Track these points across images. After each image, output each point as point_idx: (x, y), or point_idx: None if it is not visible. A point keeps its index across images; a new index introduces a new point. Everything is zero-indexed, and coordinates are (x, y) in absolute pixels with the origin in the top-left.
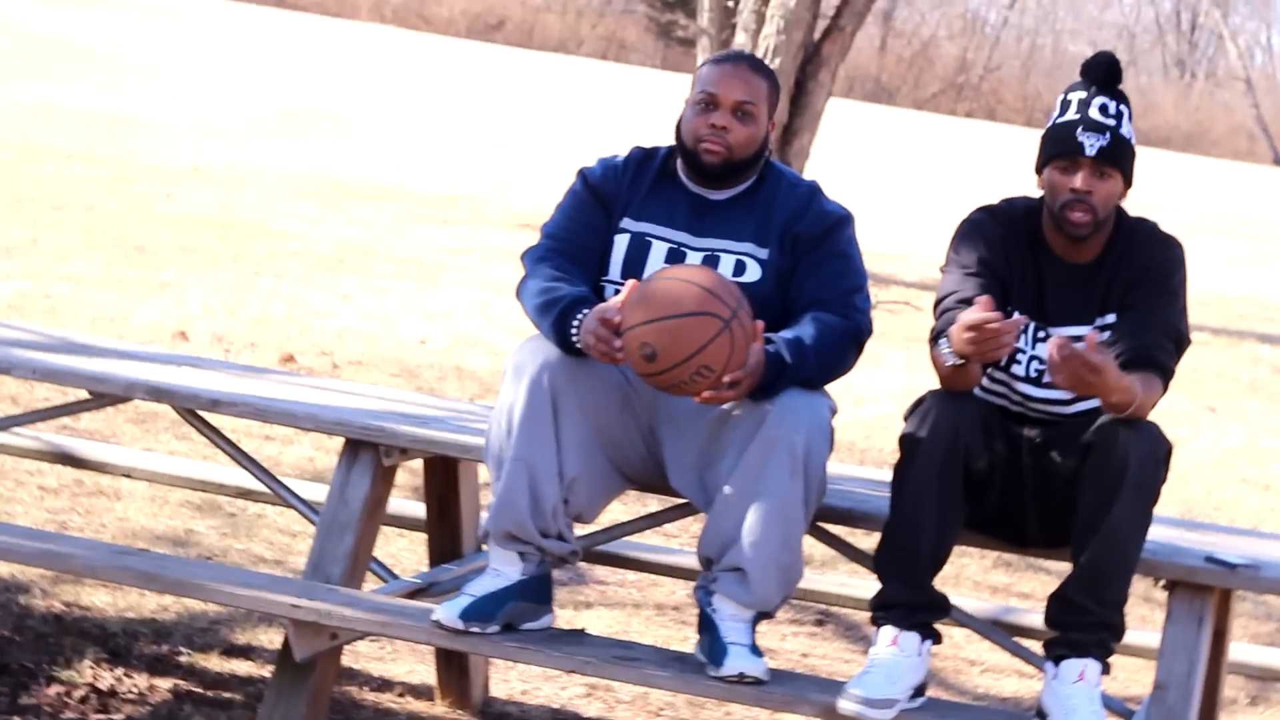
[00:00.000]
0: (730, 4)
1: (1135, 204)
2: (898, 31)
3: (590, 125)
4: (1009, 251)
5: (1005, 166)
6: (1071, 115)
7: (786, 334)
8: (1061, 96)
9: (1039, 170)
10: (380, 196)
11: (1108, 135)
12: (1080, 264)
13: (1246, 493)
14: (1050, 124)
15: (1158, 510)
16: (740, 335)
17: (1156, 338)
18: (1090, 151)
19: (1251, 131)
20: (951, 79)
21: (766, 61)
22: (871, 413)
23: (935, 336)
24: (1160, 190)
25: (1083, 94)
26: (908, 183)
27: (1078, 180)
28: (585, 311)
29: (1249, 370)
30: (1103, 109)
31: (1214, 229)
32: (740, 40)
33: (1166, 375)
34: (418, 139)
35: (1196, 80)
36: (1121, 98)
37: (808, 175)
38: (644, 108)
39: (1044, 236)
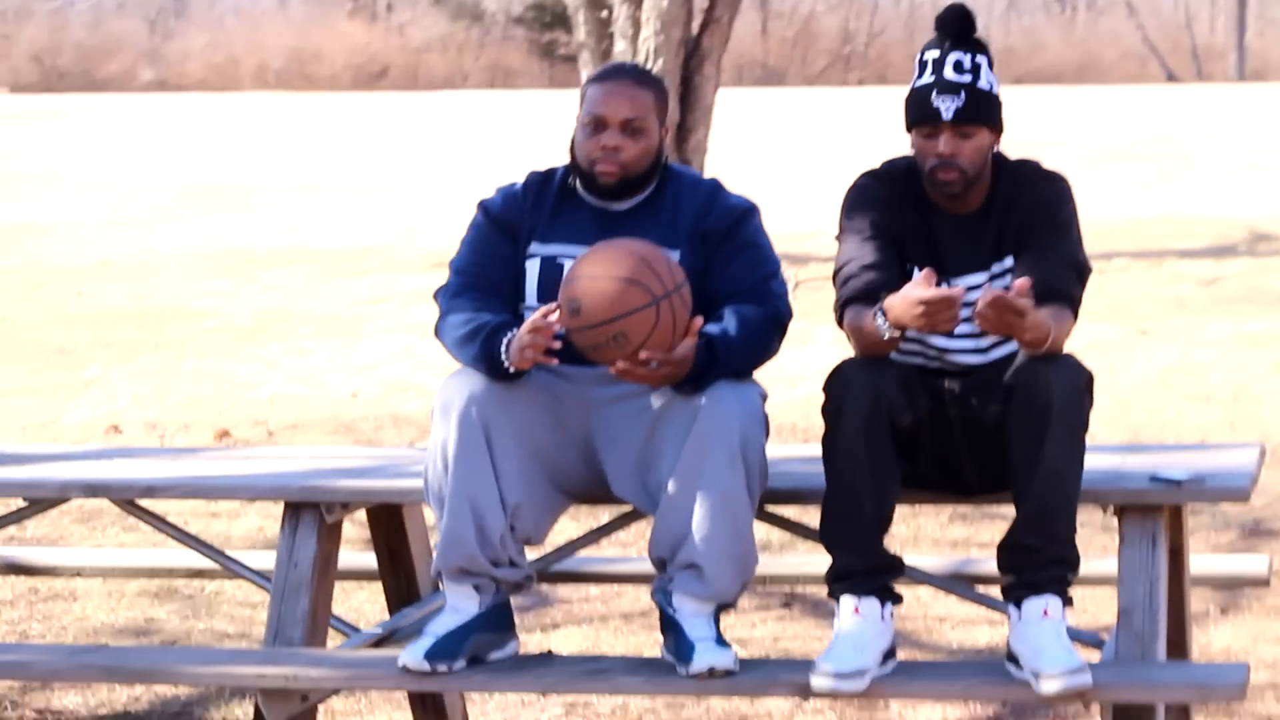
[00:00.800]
0: (605, 14)
1: (1038, 144)
2: (777, 13)
3: (487, 156)
4: (898, 211)
5: (900, 129)
6: (927, 78)
7: (711, 328)
8: (919, 56)
9: (908, 132)
10: (291, 260)
11: (963, 95)
12: (968, 214)
13: (1189, 409)
14: (911, 88)
15: (1103, 439)
16: (668, 318)
17: (1057, 270)
18: (947, 116)
19: (1140, 54)
20: (837, 51)
21: (648, 64)
22: (807, 391)
23: (845, 303)
24: (1059, 126)
25: (936, 53)
26: (809, 160)
27: (941, 145)
28: (512, 333)
29: (1173, 288)
30: (957, 66)
31: (1119, 155)
32: (620, 48)
33: (1074, 305)
34: (319, 198)
35: (1078, 12)
36: (977, 47)
37: (707, 169)
38: (537, 130)
39: (927, 193)
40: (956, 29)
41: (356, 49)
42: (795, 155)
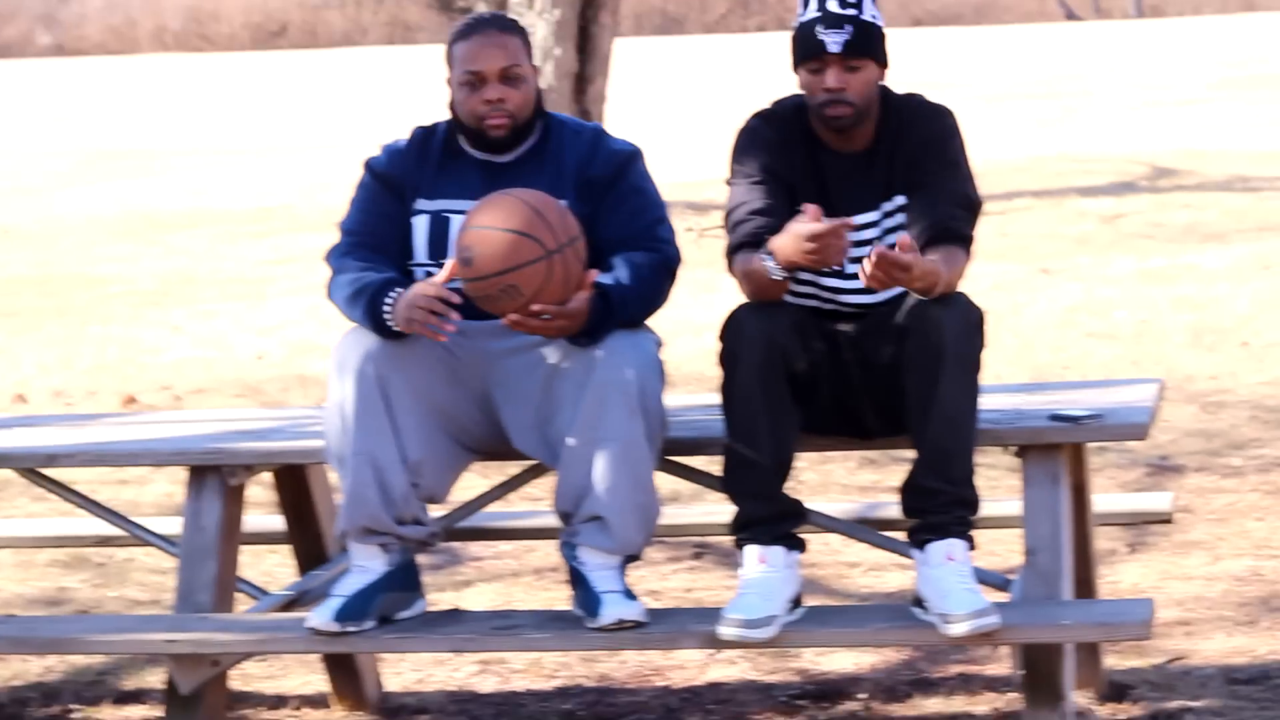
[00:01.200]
0: None
1: (937, 85)
2: None
3: (388, 112)
4: (787, 153)
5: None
6: (812, 12)
7: (604, 278)
8: None
9: (795, 70)
10: (194, 223)
11: (849, 28)
12: (857, 152)
13: (1093, 346)
14: (796, 24)
15: (1007, 378)
16: (560, 271)
17: (949, 209)
18: (834, 49)
19: None
20: None
21: (544, 14)
22: (712, 340)
23: (735, 249)
24: (959, 66)
25: None
26: (709, 107)
27: (829, 79)
28: (397, 291)
29: (1075, 226)
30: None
31: (1019, 94)
32: None
33: (967, 243)
34: (221, 160)
35: None
36: None
37: (607, 118)
38: (437, 85)
39: (816, 132)
40: None
41: (254, 7)
42: (695, 103)
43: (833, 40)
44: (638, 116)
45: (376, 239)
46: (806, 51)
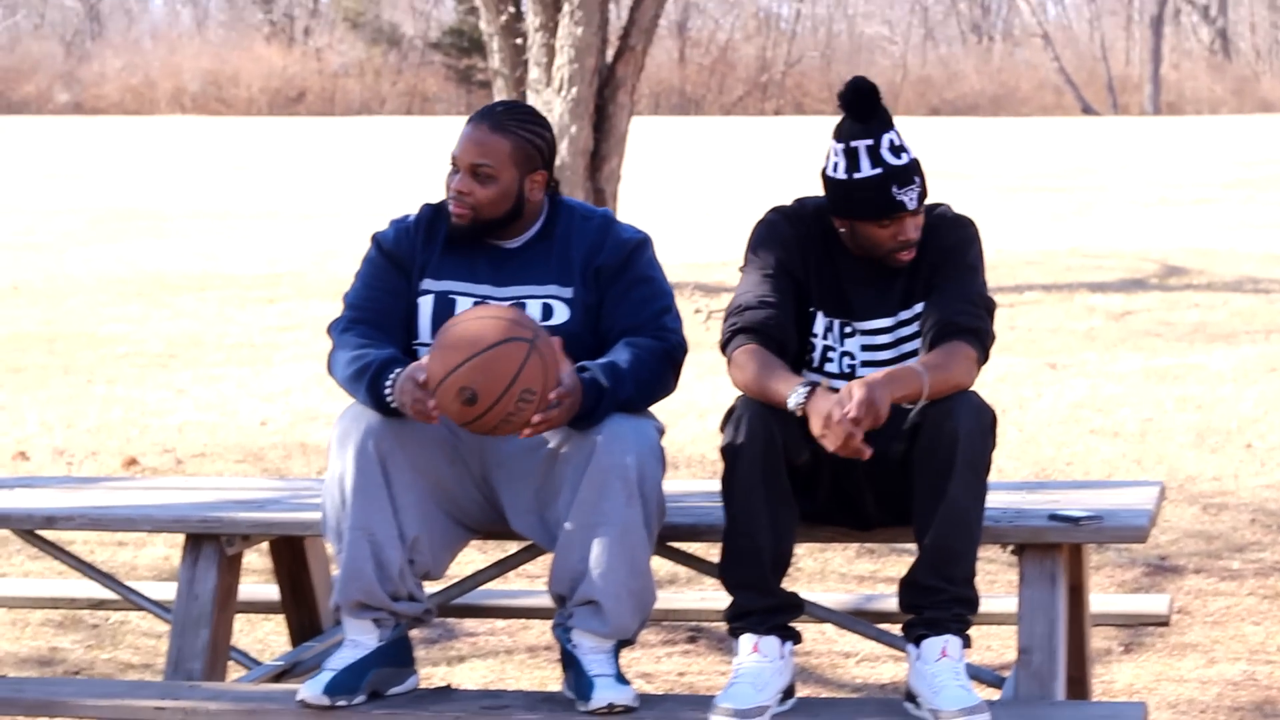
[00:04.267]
0: (519, 41)
1: (952, 175)
2: (694, 41)
3: (401, 182)
4: (805, 252)
5: (816, 158)
6: (870, 170)
7: (600, 361)
8: (842, 145)
9: (835, 215)
10: (203, 286)
11: (917, 180)
12: (874, 259)
13: (1096, 443)
14: (845, 178)
15: (1010, 473)
16: (548, 353)
17: (963, 306)
18: (912, 206)
19: (1056, 85)
20: (754, 79)
21: (562, 91)
22: (717, 423)
23: (732, 333)
24: (974, 157)
25: (867, 140)
26: (724, 189)
27: (908, 231)
28: (397, 372)
29: (1084, 321)
30: (893, 148)
31: (1033, 187)
32: (534, 75)
33: (980, 336)
34: (233, 223)
35: (995, 42)
36: (889, 119)
37: (621, 197)
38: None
39: (839, 237)
40: (870, 105)
41: (273, 73)
42: (710, 184)
43: (910, 198)
44: (652, 196)
45: (379, 315)
46: (881, 210)
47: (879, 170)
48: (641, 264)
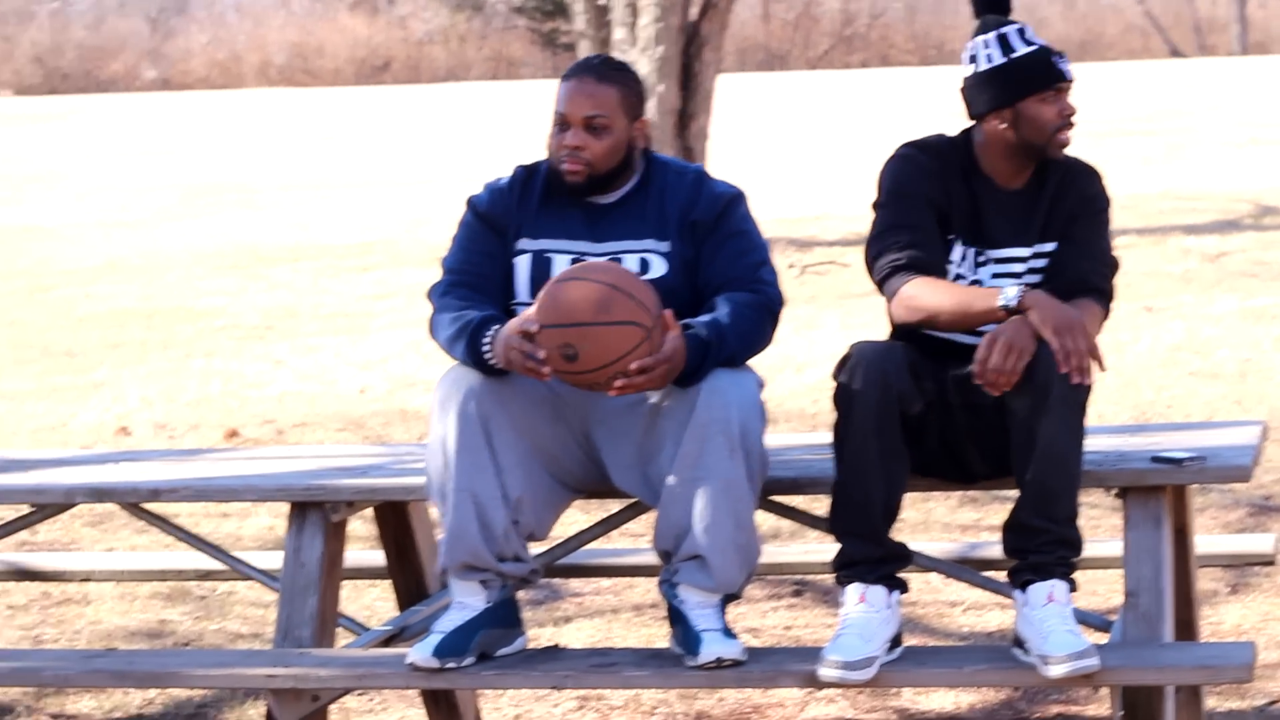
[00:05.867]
0: (603, 2)
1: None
2: None
3: (490, 147)
4: (943, 180)
5: (904, 110)
6: (1024, 49)
7: (703, 318)
8: (991, 34)
9: (997, 107)
10: (297, 257)
11: (1065, 57)
12: (1015, 189)
13: (1196, 385)
14: (1005, 60)
15: (1110, 417)
16: (658, 339)
17: (1095, 265)
18: (1071, 76)
19: (1143, 28)
20: (839, 33)
21: (647, 51)
22: (814, 377)
23: (890, 273)
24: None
25: (1010, 26)
26: (812, 143)
27: (1071, 105)
28: (495, 328)
29: (1179, 264)
30: (1033, 31)
31: (1123, 131)
32: (619, 35)
33: (1106, 298)
34: (324, 194)
35: None
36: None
37: (709, 155)
38: (541, 120)
39: (977, 165)
40: (1001, 5)
41: (359, 43)
42: (798, 139)
43: (1067, 69)
44: (740, 153)
45: (477, 278)
46: (1050, 78)
47: (1034, 45)
48: (736, 218)
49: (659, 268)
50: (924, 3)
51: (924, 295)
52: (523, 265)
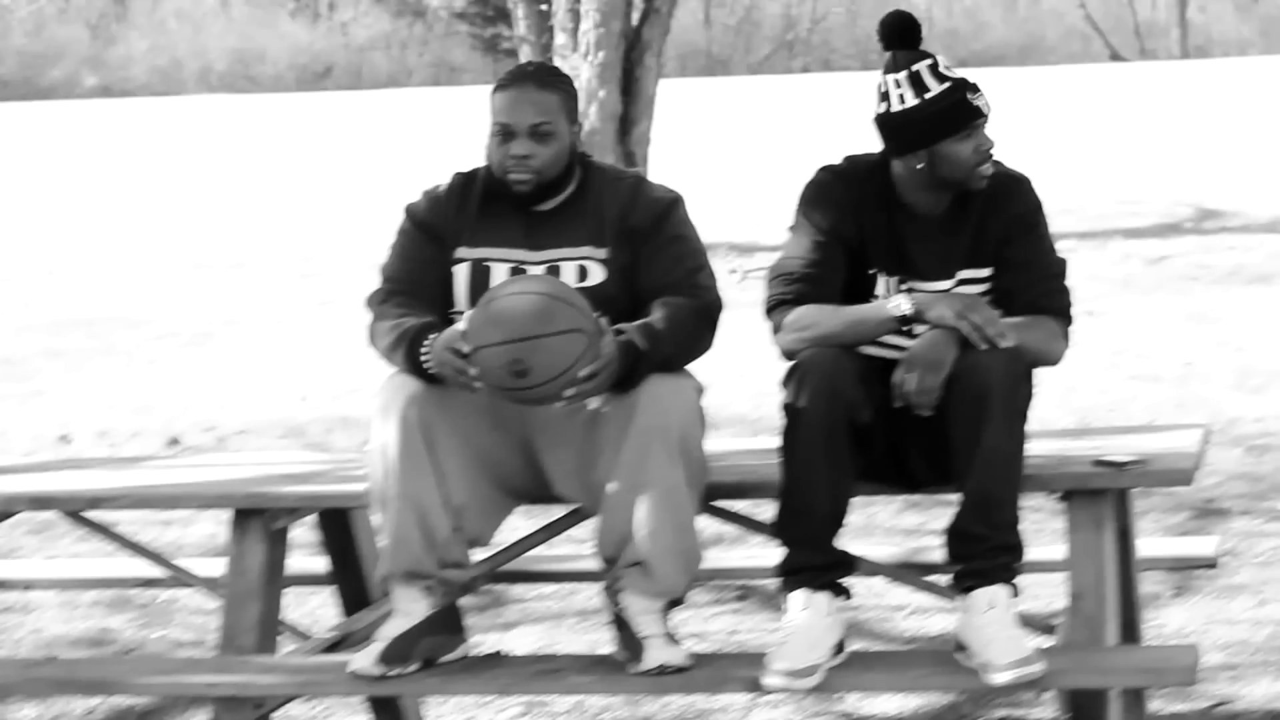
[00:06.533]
0: (544, 7)
1: (990, 126)
2: (719, 1)
3: (431, 153)
4: (860, 211)
5: (845, 115)
6: (937, 88)
7: (636, 323)
8: (902, 73)
9: (910, 149)
10: (237, 264)
11: (978, 88)
12: (935, 215)
13: (1138, 389)
14: (917, 101)
15: (1052, 421)
16: (598, 344)
17: (1044, 285)
18: (987, 111)
19: (1084, 32)
20: (780, 37)
21: (589, 56)
22: (756, 382)
23: (776, 303)
24: (1004, 108)
25: (926, 60)
26: (754, 148)
27: (986, 141)
28: (434, 336)
29: (1120, 268)
30: (947, 66)
31: (1064, 136)
32: (560, 41)
33: (1064, 313)
34: (265, 201)
35: None
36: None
37: (651, 159)
38: (483, 126)
39: (895, 193)
40: (915, 32)
41: (300, 49)
42: (740, 144)
43: (983, 103)
44: (682, 158)
45: (415, 285)
46: (964, 119)
47: (948, 84)
48: (674, 223)
49: (597, 274)
50: (866, 7)
51: (811, 320)
52: (461, 274)
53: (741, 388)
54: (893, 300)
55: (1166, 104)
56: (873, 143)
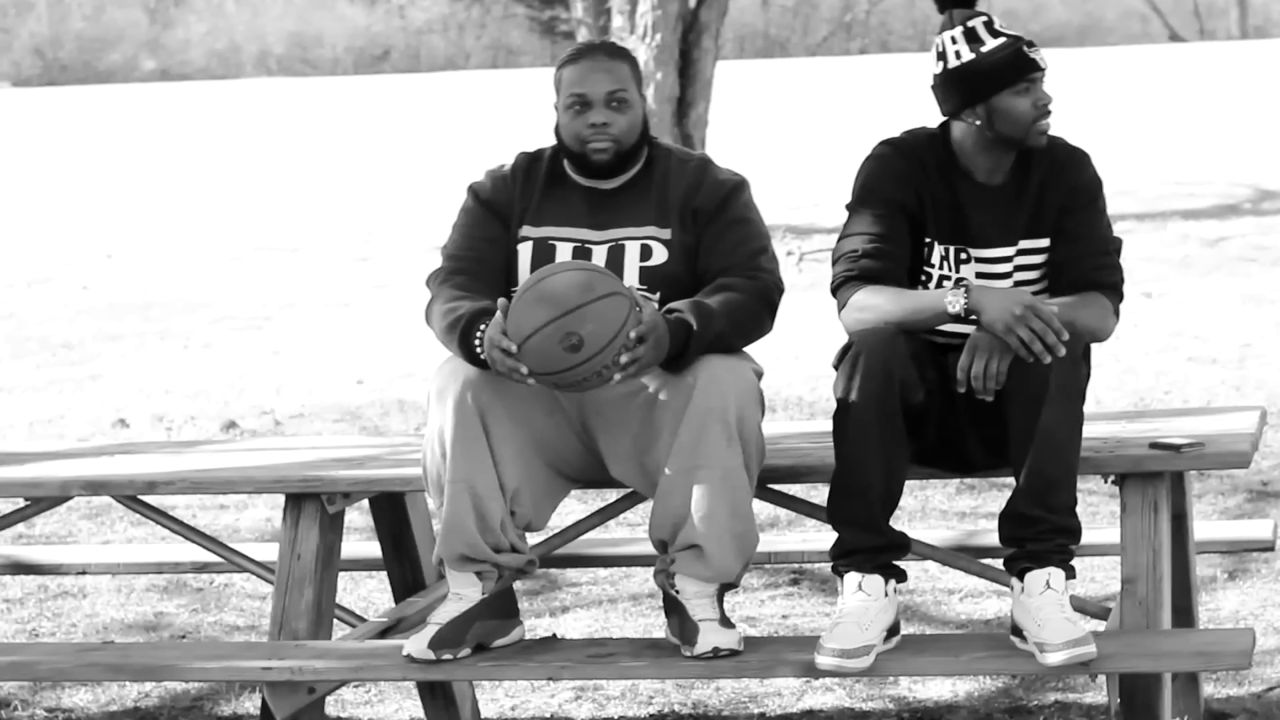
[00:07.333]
0: None
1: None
2: None
3: (489, 136)
4: (919, 182)
5: (903, 96)
6: (993, 42)
7: (686, 300)
8: (958, 29)
9: (968, 104)
10: (294, 248)
11: (1034, 41)
12: (996, 185)
13: (1195, 371)
14: (974, 56)
15: (1108, 404)
16: (644, 306)
17: (1097, 259)
18: (1044, 65)
19: (1143, 13)
20: (838, 19)
21: (646, 39)
22: (813, 365)
23: (848, 278)
24: (1064, 88)
25: (977, 19)
26: (811, 130)
27: (1045, 95)
28: (487, 323)
29: (1178, 249)
30: (1002, 25)
31: (1123, 117)
32: (617, 23)
33: (1115, 290)
34: (323, 184)
35: None
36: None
37: (709, 142)
38: (540, 108)
39: (956, 161)
40: None
41: (358, 32)
42: (798, 126)
43: (1039, 57)
44: (739, 140)
45: (477, 265)
46: (1020, 70)
47: (1003, 38)
48: (738, 205)
49: (660, 254)
50: None
51: (871, 304)
52: (525, 253)
53: (798, 370)
54: (949, 295)
55: (1225, 85)
56: (931, 120)
